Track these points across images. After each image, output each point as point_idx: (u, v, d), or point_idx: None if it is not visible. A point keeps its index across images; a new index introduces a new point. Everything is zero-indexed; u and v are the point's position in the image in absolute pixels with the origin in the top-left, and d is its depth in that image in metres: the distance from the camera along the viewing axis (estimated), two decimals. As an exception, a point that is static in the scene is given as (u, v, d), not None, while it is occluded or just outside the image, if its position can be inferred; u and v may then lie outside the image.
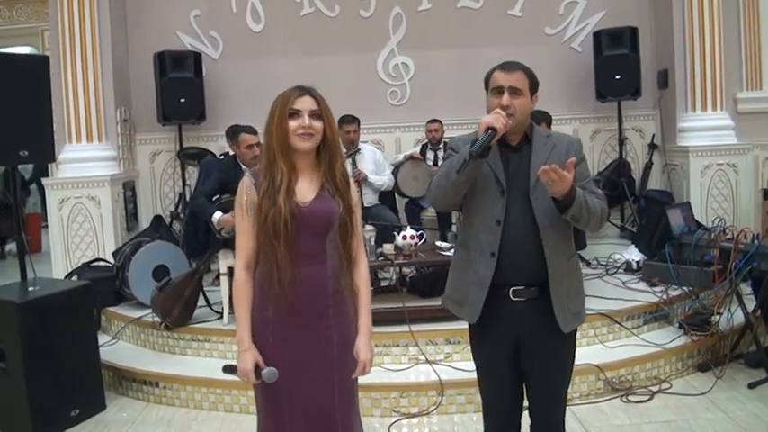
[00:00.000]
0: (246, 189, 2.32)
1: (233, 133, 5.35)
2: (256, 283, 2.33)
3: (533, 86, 2.45)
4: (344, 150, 5.90)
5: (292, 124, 2.26)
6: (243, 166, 4.97)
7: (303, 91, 2.30)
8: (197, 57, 6.67)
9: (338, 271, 2.34)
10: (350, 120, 5.92)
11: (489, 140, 2.28)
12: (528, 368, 2.53)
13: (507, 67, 2.43)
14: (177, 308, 4.58)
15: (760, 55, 6.83)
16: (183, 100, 6.46)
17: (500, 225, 2.39)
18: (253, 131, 4.90)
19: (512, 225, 2.39)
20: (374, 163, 5.98)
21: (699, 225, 5.43)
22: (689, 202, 5.85)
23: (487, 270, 2.41)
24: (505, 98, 2.37)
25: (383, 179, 5.95)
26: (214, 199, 4.86)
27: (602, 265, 5.70)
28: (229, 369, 2.35)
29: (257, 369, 2.27)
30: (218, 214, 4.70)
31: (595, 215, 2.38)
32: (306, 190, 2.31)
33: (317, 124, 2.27)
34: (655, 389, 4.11)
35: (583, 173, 2.46)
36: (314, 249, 2.29)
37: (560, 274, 2.42)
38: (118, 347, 4.89)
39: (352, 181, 2.43)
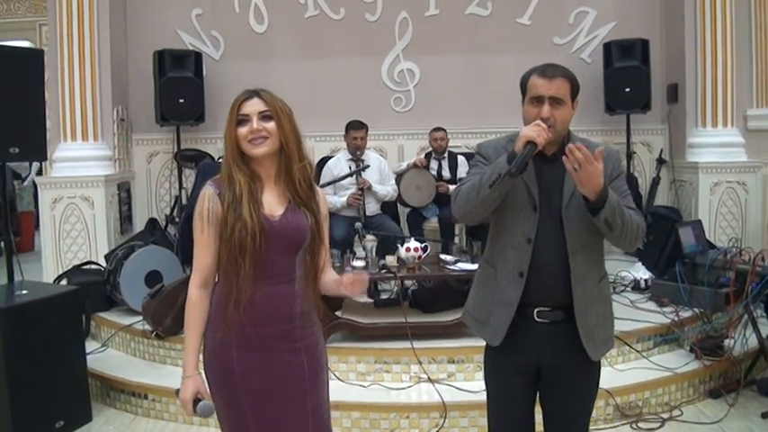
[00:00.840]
0: (209, 199, 2.11)
1: None
2: (215, 304, 2.13)
3: (574, 92, 2.25)
4: (350, 157, 5.74)
5: (242, 131, 2.09)
6: None
7: (251, 93, 2.13)
8: (197, 56, 6.52)
9: (305, 289, 2.17)
10: (358, 125, 5.77)
11: (530, 155, 2.11)
12: (549, 396, 2.38)
13: (548, 72, 2.22)
14: (169, 316, 4.40)
15: (772, 72, 6.72)
16: (182, 100, 6.30)
17: (531, 243, 2.23)
18: None
19: (542, 244, 2.23)
20: (379, 172, 5.82)
21: (711, 245, 5.29)
22: (700, 221, 5.69)
23: (515, 290, 2.26)
24: (546, 110, 2.19)
25: (387, 189, 5.79)
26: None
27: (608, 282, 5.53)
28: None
29: (197, 400, 2.08)
30: None
31: (631, 228, 2.18)
32: (274, 203, 2.14)
33: (269, 125, 2.09)
34: (666, 416, 3.96)
35: (620, 187, 2.29)
36: (283, 267, 2.11)
37: (589, 300, 2.25)
38: (107, 355, 4.71)
39: (317, 188, 2.24)
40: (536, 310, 2.27)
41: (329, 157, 6.10)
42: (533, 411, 2.43)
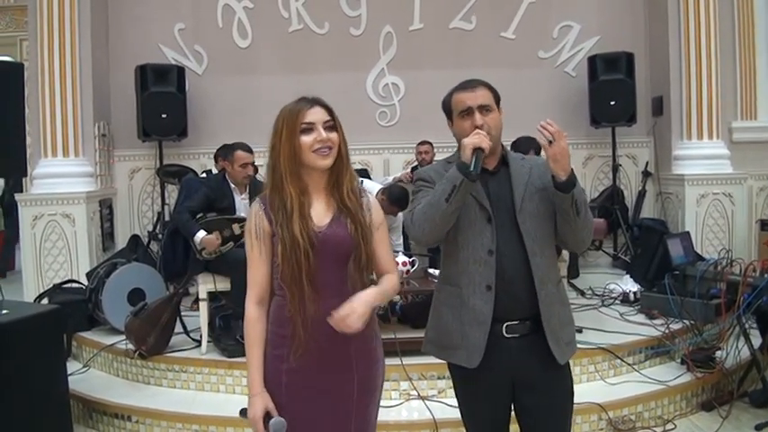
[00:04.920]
0: (256, 215, 2.08)
1: (227, 149, 5.10)
2: (272, 316, 2.10)
3: (497, 99, 2.33)
4: None
5: (306, 140, 2.03)
6: (232, 185, 4.75)
7: (312, 102, 2.08)
8: (180, 71, 6.44)
9: None
10: None
11: (481, 160, 2.14)
12: (525, 408, 2.32)
13: (468, 85, 2.32)
14: (153, 335, 4.31)
15: (755, 85, 6.75)
16: (164, 115, 6.22)
17: (493, 255, 2.22)
18: (248, 150, 4.68)
19: (503, 254, 2.23)
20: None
21: (699, 256, 5.28)
22: (688, 232, 5.70)
23: (485, 305, 2.22)
24: (478, 117, 2.25)
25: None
26: (198, 217, 4.63)
27: (597, 295, 5.51)
28: (244, 413, 2.12)
29: (267, 417, 2.03)
30: (201, 233, 4.47)
31: (587, 218, 2.25)
32: (322, 214, 2.08)
33: (333, 135, 2.05)
34: (659, 430, 3.92)
35: None
36: (334, 281, 2.04)
37: (551, 302, 2.26)
38: (89, 376, 4.59)
39: (371, 197, 2.18)
40: (505, 326, 2.24)
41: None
42: (509, 423, 2.39)
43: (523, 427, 2.37)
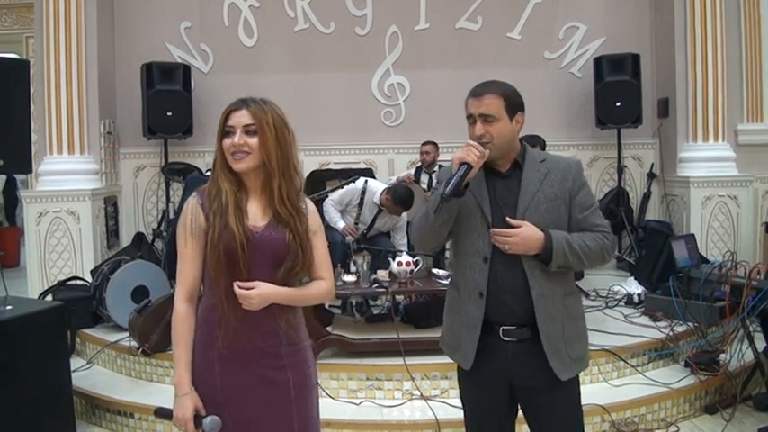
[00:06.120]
0: (192, 210, 2.07)
1: None
2: (200, 318, 2.07)
3: (511, 107, 2.23)
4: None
5: (226, 142, 2.04)
6: None
7: (240, 104, 2.06)
8: (186, 69, 6.46)
9: (290, 306, 2.10)
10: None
11: (464, 177, 2.10)
12: (528, 416, 2.33)
13: (477, 91, 2.24)
14: (156, 332, 4.31)
15: (761, 87, 6.73)
16: (169, 113, 6.24)
17: (487, 262, 2.21)
18: None
19: (499, 262, 2.20)
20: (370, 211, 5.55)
21: (703, 258, 5.26)
22: (693, 234, 5.68)
23: (477, 311, 2.22)
24: (478, 127, 2.20)
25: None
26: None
27: (601, 297, 5.50)
28: (163, 413, 2.06)
29: (197, 417, 2.00)
30: None
31: (590, 255, 2.21)
32: (259, 214, 2.07)
33: (252, 141, 2.02)
34: (662, 432, 3.91)
35: (585, 202, 2.28)
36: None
37: (553, 315, 2.21)
38: (92, 373, 4.60)
39: (309, 202, 2.18)
40: (501, 329, 2.22)
41: (318, 171, 6.02)
42: (512, 423, 2.39)
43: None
